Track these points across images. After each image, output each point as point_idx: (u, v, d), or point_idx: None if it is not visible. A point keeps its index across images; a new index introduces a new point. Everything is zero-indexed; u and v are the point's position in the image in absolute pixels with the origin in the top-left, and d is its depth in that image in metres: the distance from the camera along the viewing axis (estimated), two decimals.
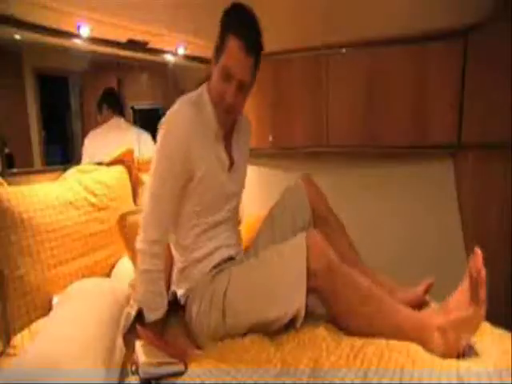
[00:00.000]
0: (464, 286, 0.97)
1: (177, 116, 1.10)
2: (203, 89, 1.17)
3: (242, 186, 1.32)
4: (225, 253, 1.22)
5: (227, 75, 1.07)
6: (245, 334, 1.07)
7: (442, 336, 0.92)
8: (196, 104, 1.13)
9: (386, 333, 0.96)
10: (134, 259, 1.24)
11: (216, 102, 1.12)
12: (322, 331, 1.02)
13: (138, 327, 1.10)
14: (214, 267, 1.19)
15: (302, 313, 1.02)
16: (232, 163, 1.21)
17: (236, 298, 1.09)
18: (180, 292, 1.22)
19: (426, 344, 0.92)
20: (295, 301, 1.01)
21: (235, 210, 1.30)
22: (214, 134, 1.15)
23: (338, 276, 1.01)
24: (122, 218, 1.33)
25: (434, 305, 1.14)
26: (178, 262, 1.23)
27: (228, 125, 1.20)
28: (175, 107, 1.11)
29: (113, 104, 1.95)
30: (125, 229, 1.32)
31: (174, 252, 1.25)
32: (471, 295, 0.93)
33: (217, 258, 1.20)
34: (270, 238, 1.26)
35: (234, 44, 1.04)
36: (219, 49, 1.08)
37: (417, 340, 0.93)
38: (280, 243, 1.12)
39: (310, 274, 1.00)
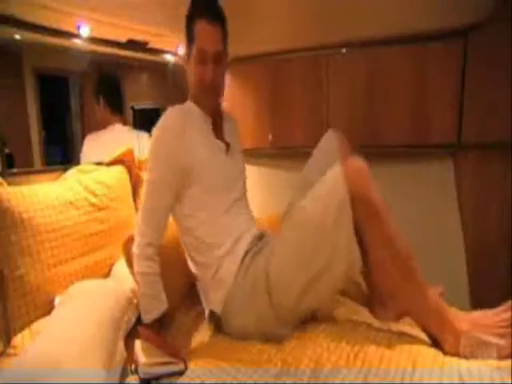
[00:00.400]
0: (504, 315, 0.91)
1: (165, 121, 1.14)
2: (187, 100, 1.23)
3: (243, 166, 1.35)
4: (248, 237, 1.17)
5: (202, 57, 1.12)
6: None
7: (455, 340, 0.90)
8: (182, 108, 1.19)
9: (412, 305, 0.95)
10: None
11: (199, 88, 1.16)
12: (322, 331, 1.02)
13: (140, 327, 1.11)
14: (245, 255, 1.13)
15: (355, 257, 0.93)
16: (228, 147, 1.24)
17: (279, 268, 1.02)
18: (215, 305, 1.14)
19: (438, 335, 0.93)
20: (341, 235, 0.92)
21: (243, 190, 1.31)
22: (203, 125, 1.19)
23: (379, 215, 0.92)
24: (129, 240, 1.24)
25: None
26: (204, 274, 1.17)
27: (215, 109, 1.24)
28: (163, 115, 1.15)
29: (111, 98, 1.88)
30: (130, 251, 1.22)
31: (194, 269, 1.21)
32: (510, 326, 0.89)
33: (242, 245, 1.15)
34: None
35: (199, 25, 1.12)
36: (189, 41, 1.15)
37: (433, 327, 0.93)
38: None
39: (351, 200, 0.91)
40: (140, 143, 1.88)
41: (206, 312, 1.20)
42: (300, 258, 1.00)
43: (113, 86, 1.94)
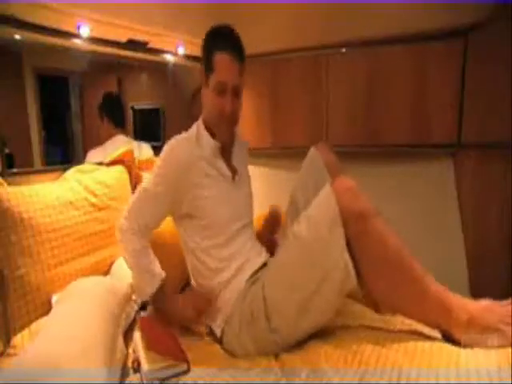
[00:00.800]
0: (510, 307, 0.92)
1: (174, 152, 1.14)
2: (196, 123, 1.23)
3: (250, 190, 1.34)
4: (254, 264, 1.18)
5: (221, 89, 1.13)
6: None
7: (463, 327, 0.90)
8: (191, 140, 1.18)
9: (410, 302, 0.95)
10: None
11: (218, 119, 1.16)
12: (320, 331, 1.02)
13: (140, 318, 1.11)
14: (247, 281, 1.15)
15: (349, 265, 0.92)
16: (235, 173, 1.23)
17: (275, 293, 1.04)
18: (215, 324, 1.16)
19: (444, 326, 0.93)
20: (333, 252, 0.93)
21: (250, 215, 1.30)
22: (211, 154, 1.18)
23: (370, 226, 0.94)
24: None
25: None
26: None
27: (230, 137, 1.25)
28: (173, 142, 1.16)
29: (114, 115, 1.93)
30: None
31: (198, 289, 1.22)
32: None
33: (245, 274, 1.16)
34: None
35: (220, 57, 1.12)
36: (207, 70, 1.14)
37: (438, 319, 0.93)
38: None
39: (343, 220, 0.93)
40: (141, 153, 1.90)
41: (206, 322, 1.20)
42: (293, 277, 1.01)
43: (115, 104, 1.99)
